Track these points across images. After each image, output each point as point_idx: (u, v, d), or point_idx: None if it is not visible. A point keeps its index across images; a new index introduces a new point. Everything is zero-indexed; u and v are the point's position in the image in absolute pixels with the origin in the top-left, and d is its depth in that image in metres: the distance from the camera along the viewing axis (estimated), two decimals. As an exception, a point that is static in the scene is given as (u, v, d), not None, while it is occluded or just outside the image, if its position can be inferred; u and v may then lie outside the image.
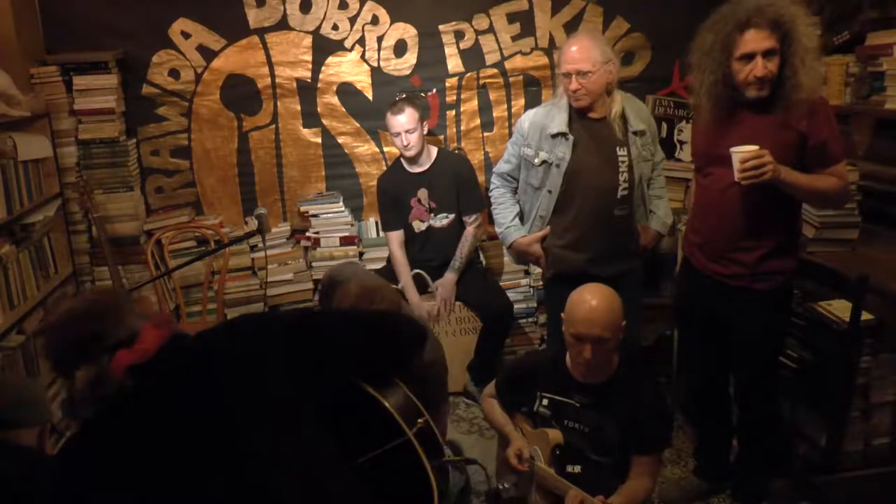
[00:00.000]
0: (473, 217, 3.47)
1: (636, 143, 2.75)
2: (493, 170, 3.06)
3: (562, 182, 2.74)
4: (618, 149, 2.71)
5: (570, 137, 2.71)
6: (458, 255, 3.45)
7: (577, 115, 2.73)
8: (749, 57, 2.17)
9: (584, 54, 2.60)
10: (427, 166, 3.44)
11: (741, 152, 2.14)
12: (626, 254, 2.84)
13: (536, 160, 2.79)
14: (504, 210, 2.96)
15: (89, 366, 1.36)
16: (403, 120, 3.28)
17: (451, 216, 3.48)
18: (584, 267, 2.74)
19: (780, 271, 2.35)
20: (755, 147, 2.13)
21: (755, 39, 2.15)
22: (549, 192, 2.78)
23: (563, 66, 2.65)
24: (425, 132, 3.43)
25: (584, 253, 2.78)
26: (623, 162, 2.71)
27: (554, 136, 2.74)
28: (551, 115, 2.77)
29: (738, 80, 2.22)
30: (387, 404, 1.71)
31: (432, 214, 3.48)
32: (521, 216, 2.95)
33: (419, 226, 3.50)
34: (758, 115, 2.24)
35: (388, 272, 3.51)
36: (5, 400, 1.80)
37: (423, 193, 3.44)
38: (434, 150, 3.48)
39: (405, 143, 3.30)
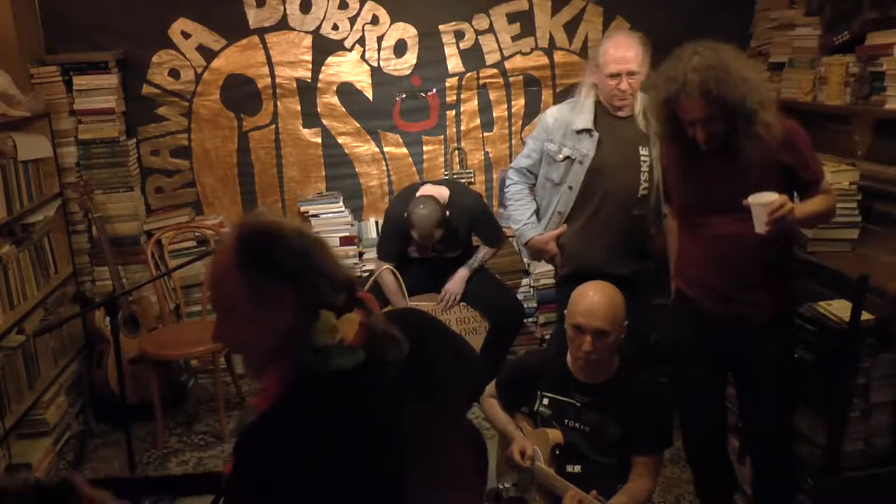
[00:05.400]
0: (497, 247, 3.46)
1: (657, 143, 2.74)
2: (511, 164, 3.02)
3: (583, 179, 2.74)
4: (641, 148, 2.72)
5: (596, 134, 2.71)
6: (475, 257, 3.46)
7: (603, 113, 2.73)
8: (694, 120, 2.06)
9: (632, 53, 2.60)
10: None
11: (764, 203, 1.99)
12: (640, 254, 2.84)
13: (559, 156, 2.78)
14: (521, 207, 2.94)
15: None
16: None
17: (459, 251, 3.46)
18: (598, 265, 2.70)
19: (785, 293, 2.28)
20: (774, 195, 1.99)
21: (690, 109, 2.04)
22: (570, 188, 2.77)
23: (610, 66, 2.61)
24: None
25: (600, 251, 2.77)
26: (645, 161, 2.72)
27: (579, 132, 2.73)
28: (577, 111, 2.76)
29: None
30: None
31: (435, 254, 3.42)
32: (538, 213, 2.94)
33: (415, 255, 3.46)
34: (738, 156, 2.10)
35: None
36: None
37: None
38: (446, 193, 3.34)
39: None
